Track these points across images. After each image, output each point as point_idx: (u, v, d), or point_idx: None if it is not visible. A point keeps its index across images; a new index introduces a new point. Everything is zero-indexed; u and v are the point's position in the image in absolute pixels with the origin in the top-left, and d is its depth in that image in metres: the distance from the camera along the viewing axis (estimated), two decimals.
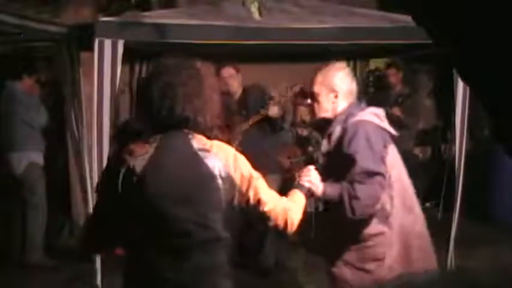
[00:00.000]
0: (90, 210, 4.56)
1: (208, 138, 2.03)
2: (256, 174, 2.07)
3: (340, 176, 2.62)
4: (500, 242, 5.38)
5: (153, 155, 1.94)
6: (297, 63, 6.16)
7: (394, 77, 6.51)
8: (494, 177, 6.30)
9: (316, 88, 2.82)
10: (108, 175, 2.05)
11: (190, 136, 1.99)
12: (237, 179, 2.00)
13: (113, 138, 4.17)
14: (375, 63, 7.04)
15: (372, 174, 2.56)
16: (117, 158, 1.98)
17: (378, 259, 2.68)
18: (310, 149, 5.98)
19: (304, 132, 6.11)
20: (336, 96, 2.79)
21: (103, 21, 4.26)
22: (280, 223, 2.09)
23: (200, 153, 1.96)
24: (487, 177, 6.31)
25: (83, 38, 4.69)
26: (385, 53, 6.27)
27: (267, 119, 4.87)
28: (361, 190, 2.53)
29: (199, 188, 1.95)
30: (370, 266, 2.69)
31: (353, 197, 2.54)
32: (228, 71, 4.93)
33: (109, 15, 4.59)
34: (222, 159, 1.98)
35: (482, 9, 0.92)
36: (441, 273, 3.07)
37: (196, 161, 1.96)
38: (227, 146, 2.06)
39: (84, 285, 4.52)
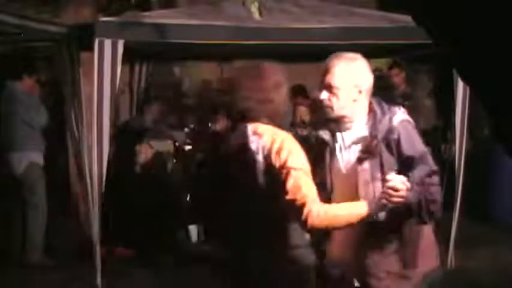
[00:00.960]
0: (90, 210, 4.55)
1: (268, 124, 2.32)
2: (296, 165, 2.18)
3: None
4: (500, 242, 5.37)
5: (220, 140, 2.50)
6: (297, 63, 6.16)
7: (398, 77, 6.49)
8: (494, 177, 6.30)
9: (337, 81, 2.41)
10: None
11: (249, 123, 2.31)
12: (276, 162, 2.20)
13: (113, 138, 4.18)
14: (375, 63, 7.02)
15: (435, 173, 2.39)
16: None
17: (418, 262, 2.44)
18: None
19: (304, 132, 6.10)
20: (360, 92, 2.43)
21: (103, 21, 4.26)
22: (297, 214, 2.17)
23: (252, 137, 2.27)
24: (487, 177, 6.31)
25: (83, 38, 4.69)
26: (385, 53, 6.27)
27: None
28: (436, 192, 2.36)
29: (245, 169, 2.25)
30: (409, 271, 2.42)
31: (431, 201, 2.32)
32: None
33: (109, 15, 4.60)
34: (268, 142, 2.23)
35: (482, 9, 0.92)
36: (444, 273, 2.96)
37: (245, 142, 2.26)
38: (282, 132, 2.30)
39: (84, 285, 4.52)
